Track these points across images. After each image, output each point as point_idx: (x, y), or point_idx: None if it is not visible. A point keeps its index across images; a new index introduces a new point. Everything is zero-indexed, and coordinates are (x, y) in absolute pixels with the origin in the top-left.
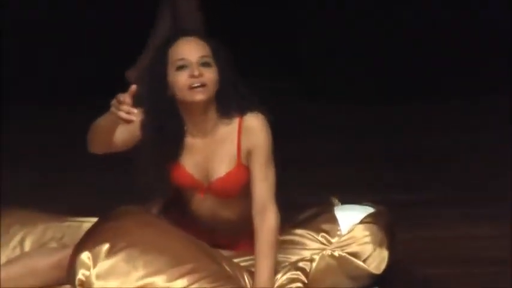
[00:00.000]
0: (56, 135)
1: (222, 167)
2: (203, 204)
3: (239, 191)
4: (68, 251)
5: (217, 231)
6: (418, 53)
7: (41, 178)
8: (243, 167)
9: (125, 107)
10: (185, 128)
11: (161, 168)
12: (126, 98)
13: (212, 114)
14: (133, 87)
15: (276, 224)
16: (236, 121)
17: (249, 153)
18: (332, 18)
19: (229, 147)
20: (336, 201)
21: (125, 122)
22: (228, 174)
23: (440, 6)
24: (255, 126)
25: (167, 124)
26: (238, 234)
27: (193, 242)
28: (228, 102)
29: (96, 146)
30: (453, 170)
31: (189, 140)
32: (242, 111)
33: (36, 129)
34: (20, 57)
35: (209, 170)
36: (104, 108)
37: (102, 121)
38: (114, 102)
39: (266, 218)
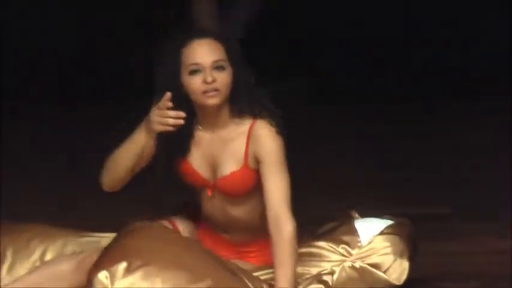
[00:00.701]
0: (57, 135)
1: (228, 166)
2: (212, 202)
3: (246, 192)
4: (87, 254)
5: (230, 230)
6: (428, 53)
7: (40, 178)
8: (250, 170)
9: (172, 113)
10: (196, 123)
11: (170, 164)
12: (166, 104)
13: (225, 112)
14: (168, 94)
15: (292, 233)
16: (248, 123)
17: (257, 160)
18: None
19: (237, 148)
20: (355, 214)
21: (173, 127)
22: (233, 174)
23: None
24: (262, 135)
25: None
26: (252, 234)
27: (212, 256)
28: (241, 103)
29: (121, 174)
30: (464, 185)
31: (198, 133)
32: (255, 114)
33: (36, 129)
34: (20, 57)
35: (215, 167)
36: (104, 109)
37: (133, 143)
38: (157, 112)
39: (281, 229)
